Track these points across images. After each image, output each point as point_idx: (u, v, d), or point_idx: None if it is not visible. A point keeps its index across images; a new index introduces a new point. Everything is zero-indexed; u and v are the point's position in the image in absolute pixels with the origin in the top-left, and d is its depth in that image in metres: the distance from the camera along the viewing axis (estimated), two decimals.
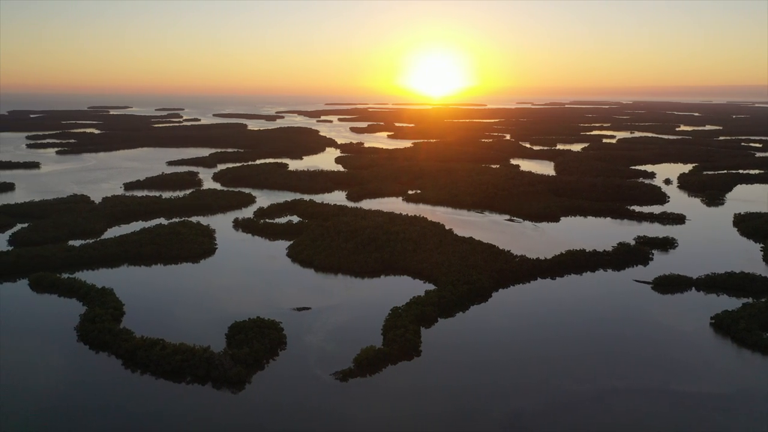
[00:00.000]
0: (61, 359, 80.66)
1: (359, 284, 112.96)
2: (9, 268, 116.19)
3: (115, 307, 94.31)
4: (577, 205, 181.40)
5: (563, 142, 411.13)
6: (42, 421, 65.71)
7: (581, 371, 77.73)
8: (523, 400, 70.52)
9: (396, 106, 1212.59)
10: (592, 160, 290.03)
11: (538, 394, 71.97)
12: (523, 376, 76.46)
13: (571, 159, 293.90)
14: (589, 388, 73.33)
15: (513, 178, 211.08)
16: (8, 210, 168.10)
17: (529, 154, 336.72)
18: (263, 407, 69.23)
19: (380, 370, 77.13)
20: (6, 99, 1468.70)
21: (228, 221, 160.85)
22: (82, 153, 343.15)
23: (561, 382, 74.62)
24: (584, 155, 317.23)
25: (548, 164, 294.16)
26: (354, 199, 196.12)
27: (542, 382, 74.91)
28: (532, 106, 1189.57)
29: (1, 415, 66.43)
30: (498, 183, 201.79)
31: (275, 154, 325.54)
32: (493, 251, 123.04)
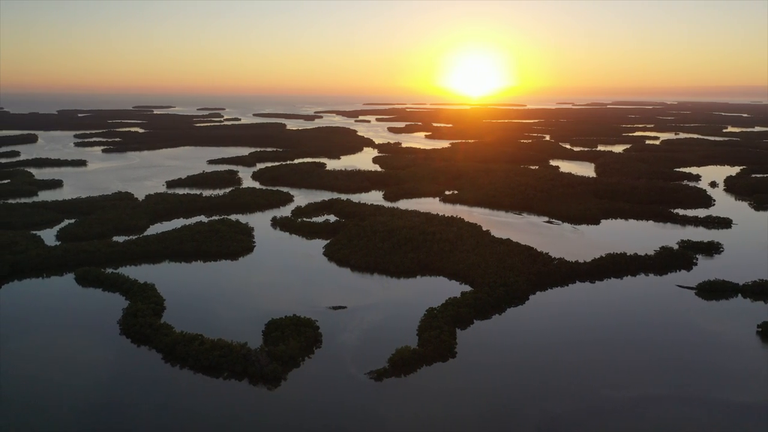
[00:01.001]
0: (104, 352, 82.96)
1: (395, 284, 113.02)
2: (56, 263, 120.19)
3: (156, 302, 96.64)
4: (617, 207, 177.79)
5: (604, 143, 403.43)
6: (86, 412, 67.68)
7: (619, 377, 76.16)
8: (559, 404, 69.48)
9: (434, 107, 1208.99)
10: (634, 161, 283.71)
11: (574, 398, 70.82)
12: (559, 380, 75.33)
13: (613, 160, 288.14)
14: (627, 394, 71.79)
15: (552, 179, 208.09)
16: (56, 206, 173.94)
17: (568, 155, 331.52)
18: (298, 404, 69.88)
19: (415, 371, 77.03)
20: (56, 99, 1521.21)
21: (266, 219, 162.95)
22: (126, 151, 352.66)
23: (598, 388, 73.25)
24: (626, 157, 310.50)
25: (588, 165, 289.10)
26: (391, 199, 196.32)
27: (579, 386, 73.68)
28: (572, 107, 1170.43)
29: (48, 406, 68.77)
30: (537, 184, 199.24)
31: (313, 153, 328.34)
32: (530, 253, 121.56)
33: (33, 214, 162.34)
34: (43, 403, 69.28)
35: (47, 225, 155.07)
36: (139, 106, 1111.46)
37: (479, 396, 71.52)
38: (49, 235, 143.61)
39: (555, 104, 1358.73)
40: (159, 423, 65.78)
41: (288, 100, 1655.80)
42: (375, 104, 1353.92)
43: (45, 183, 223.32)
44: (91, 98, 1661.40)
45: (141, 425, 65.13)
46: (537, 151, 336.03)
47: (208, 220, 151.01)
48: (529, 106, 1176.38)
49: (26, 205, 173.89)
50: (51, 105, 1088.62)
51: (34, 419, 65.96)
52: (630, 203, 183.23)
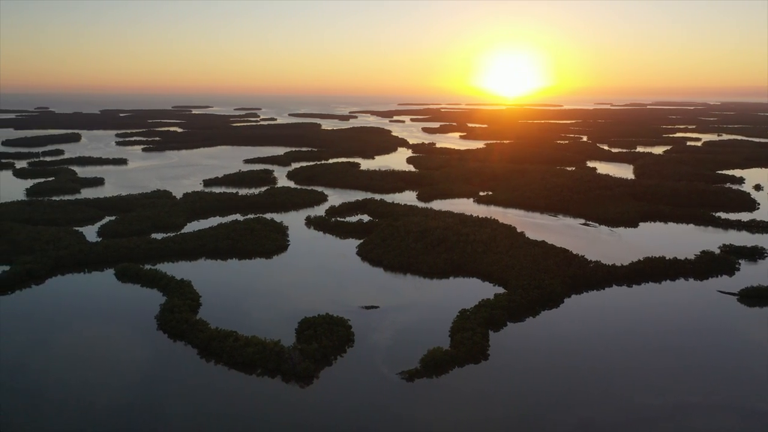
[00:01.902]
0: (141, 347, 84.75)
1: (428, 285, 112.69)
2: (97, 259, 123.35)
3: (192, 299, 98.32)
4: (657, 210, 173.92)
5: (644, 145, 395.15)
6: (122, 406, 69.19)
7: (656, 384, 74.33)
8: (593, 411, 68.20)
9: (469, 107, 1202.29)
10: (674, 163, 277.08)
11: (609, 405, 69.42)
12: (593, 386, 73.95)
13: (652, 162, 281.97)
14: (664, 402, 70.07)
15: (589, 180, 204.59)
16: (98, 203, 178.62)
17: (606, 156, 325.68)
18: (330, 403, 70.20)
19: (447, 372, 76.66)
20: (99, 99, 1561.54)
21: (300, 219, 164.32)
22: (165, 150, 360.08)
23: (634, 395, 71.64)
24: (666, 158, 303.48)
25: (627, 167, 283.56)
26: (424, 200, 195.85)
27: (614, 393, 72.21)
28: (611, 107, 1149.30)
29: (87, 398, 70.59)
30: (573, 186, 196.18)
31: (348, 153, 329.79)
32: (566, 256, 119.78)
33: (75, 211, 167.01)
34: (82, 395, 71.11)
35: (89, 222, 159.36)
36: (178, 106, 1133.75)
37: (512, 400, 70.76)
38: (90, 231, 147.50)
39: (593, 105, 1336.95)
40: (193, 418, 66.85)
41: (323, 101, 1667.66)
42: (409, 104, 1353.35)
43: (87, 181, 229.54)
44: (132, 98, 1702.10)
45: (175, 419, 66.33)
46: (574, 152, 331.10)
47: (243, 219, 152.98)
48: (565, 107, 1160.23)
49: (69, 202, 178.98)
50: (94, 105, 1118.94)
51: (74, 411, 67.74)
52: (670, 206, 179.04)
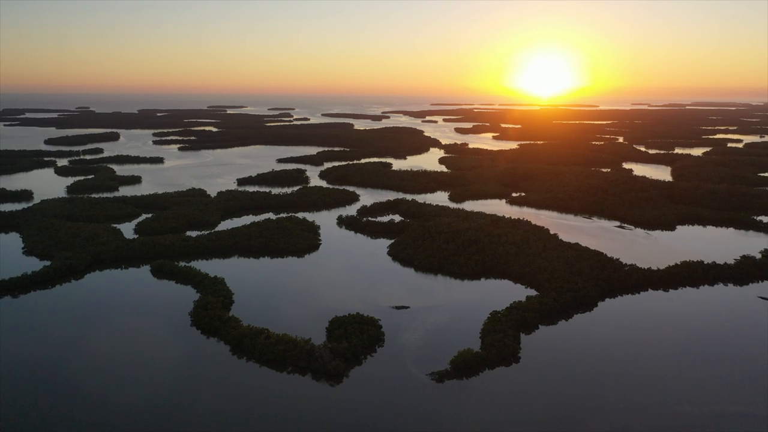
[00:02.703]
0: (175, 342, 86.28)
1: (458, 286, 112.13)
2: (134, 255, 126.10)
3: (225, 296, 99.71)
4: (695, 213, 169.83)
5: (682, 146, 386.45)
6: (156, 399, 70.62)
7: (693, 392, 72.55)
8: (626, 418, 66.87)
9: (502, 107, 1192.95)
10: (714, 165, 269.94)
11: (642, 412, 67.99)
12: (627, 392, 72.48)
13: (691, 164, 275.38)
14: (701, 410, 68.34)
15: (625, 182, 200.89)
16: (135, 201, 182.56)
17: (643, 157, 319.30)
18: (359, 401, 70.41)
19: (477, 374, 76.17)
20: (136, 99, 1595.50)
21: (332, 218, 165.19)
22: (200, 150, 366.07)
23: (669, 403, 70.05)
24: (705, 160, 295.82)
25: (664, 169, 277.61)
26: (456, 200, 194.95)
27: (648, 400, 70.70)
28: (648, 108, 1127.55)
29: (122, 390, 72.18)
30: (608, 187, 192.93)
31: (380, 153, 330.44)
32: (600, 259, 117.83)
33: (114, 208, 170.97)
34: (118, 389, 72.74)
35: (126, 219, 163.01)
36: (213, 106, 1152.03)
37: (543, 404, 69.87)
38: (127, 228, 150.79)
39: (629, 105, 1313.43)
40: (224, 413, 67.77)
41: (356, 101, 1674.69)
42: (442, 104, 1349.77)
43: (125, 179, 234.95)
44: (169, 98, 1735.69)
45: (207, 414, 67.32)
46: (609, 153, 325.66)
47: (276, 218, 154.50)
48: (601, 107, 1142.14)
49: (108, 200, 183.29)
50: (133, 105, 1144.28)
51: (110, 404, 69.31)
52: (709, 209, 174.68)
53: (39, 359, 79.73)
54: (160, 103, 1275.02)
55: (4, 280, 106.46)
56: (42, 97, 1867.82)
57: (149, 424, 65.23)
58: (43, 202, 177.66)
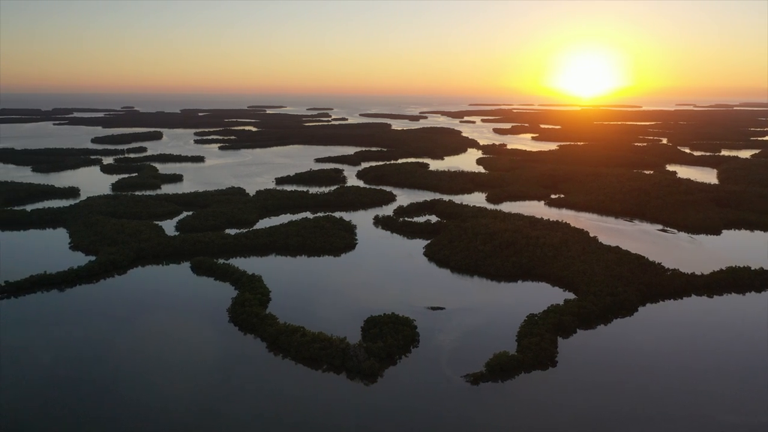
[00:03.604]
0: (214, 338, 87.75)
1: (495, 288, 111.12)
2: (175, 252, 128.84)
3: (262, 293, 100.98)
4: (742, 217, 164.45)
5: (729, 148, 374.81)
6: (194, 395, 71.97)
7: (737, 405, 69.89)
8: (667, 427, 65.09)
9: (542, 107, 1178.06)
10: (763, 168, 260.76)
11: (683, 423, 65.96)
12: (667, 402, 70.49)
13: (738, 166, 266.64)
14: (744, 421, 65.97)
15: (668, 185, 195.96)
16: (177, 199, 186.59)
17: (688, 159, 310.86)
18: (393, 401, 70.35)
19: (513, 377, 75.32)
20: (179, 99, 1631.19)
21: (369, 218, 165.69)
22: (240, 149, 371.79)
23: (711, 414, 67.79)
24: (754, 162, 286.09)
25: (710, 171, 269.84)
26: (494, 201, 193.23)
27: (689, 411, 68.54)
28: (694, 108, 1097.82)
29: (161, 386, 73.80)
30: (651, 190, 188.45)
31: (417, 153, 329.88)
32: (641, 263, 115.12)
33: (156, 205, 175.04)
34: (157, 381, 74.41)
35: (168, 216, 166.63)
36: (253, 106, 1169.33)
37: (579, 410, 68.58)
38: (169, 225, 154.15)
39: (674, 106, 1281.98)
40: (260, 410, 68.62)
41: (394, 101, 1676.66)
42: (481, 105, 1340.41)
43: (167, 177, 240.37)
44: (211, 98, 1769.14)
45: (243, 410, 68.28)
46: (652, 155, 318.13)
47: (313, 217, 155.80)
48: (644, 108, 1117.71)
49: (150, 197, 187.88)
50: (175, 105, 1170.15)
51: (149, 395, 70.99)
52: (757, 213, 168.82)
53: (82, 352, 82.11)
54: (202, 103, 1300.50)
55: (52, 274, 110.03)
56: (90, 97, 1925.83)
57: (186, 418, 66.52)
58: (89, 198, 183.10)
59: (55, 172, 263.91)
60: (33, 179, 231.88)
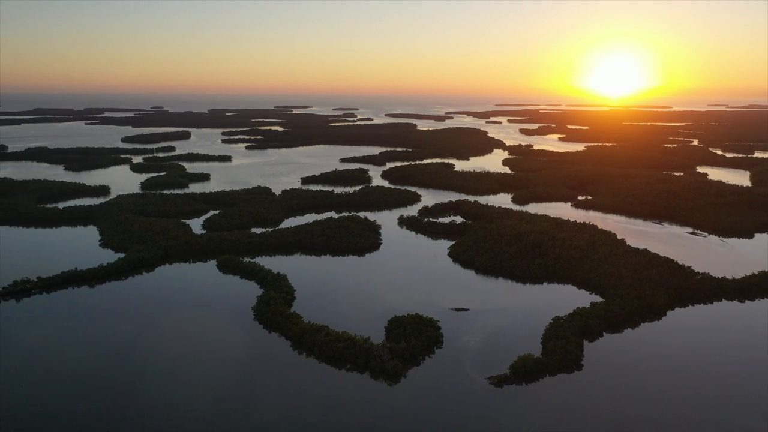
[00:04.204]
0: (239, 336, 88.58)
1: (520, 289, 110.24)
2: (201, 250, 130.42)
3: (287, 292, 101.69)
4: None
5: (762, 150, 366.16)
6: (219, 391, 72.67)
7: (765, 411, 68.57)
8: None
9: (570, 108, 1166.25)
10: None
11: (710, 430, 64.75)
12: (694, 408, 68.96)
13: None
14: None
15: (699, 187, 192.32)
16: (204, 198, 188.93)
17: (719, 161, 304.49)
18: (416, 402, 70.19)
19: (537, 380, 74.62)
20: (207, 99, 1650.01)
21: (393, 218, 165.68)
22: (266, 148, 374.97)
23: (739, 421, 66.32)
24: None
25: (743, 174, 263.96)
26: (520, 203, 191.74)
27: (717, 417, 67.04)
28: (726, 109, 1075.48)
29: (187, 382, 74.74)
30: (681, 192, 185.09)
31: (442, 154, 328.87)
32: (670, 266, 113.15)
33: (184, 204, 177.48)
34: (183, 378, 75.38)
35: (195, 215, 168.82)
36: (279, 106, 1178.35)
37: (605, 415, 67.62)
38: (196, 224, 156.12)
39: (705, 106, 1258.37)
40: (284, 409, 69.05)
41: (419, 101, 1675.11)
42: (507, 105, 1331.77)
43: (195, 176, 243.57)
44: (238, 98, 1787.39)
45: (267, 409, 68.81)
46: (682, 156, 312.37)
47: (338, 217, 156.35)
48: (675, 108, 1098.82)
49: (178, 196, 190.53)
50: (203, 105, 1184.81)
51: (175, 391, 71.96)
52: None
53: (110, 348, 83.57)
54: (229, 104, 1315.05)
55: (82, 271, 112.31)
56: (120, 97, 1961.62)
57: (212, 414, 67.26)
58: (118, 197, 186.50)
59: (87, 170, 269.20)
60: (65, 177, 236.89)
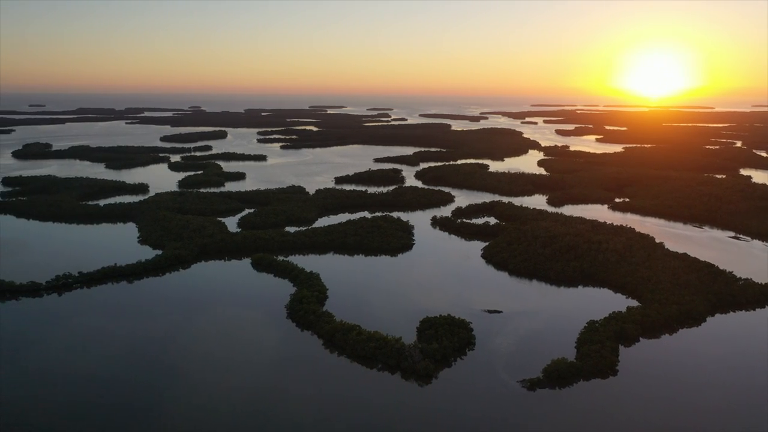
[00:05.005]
0: (272, 333, 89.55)
1: (554, 292, 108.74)
2: (236, 248, 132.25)
3: (320, 291, 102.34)
4: None
5: None
6: (251, 389, 73.55)
7: None
8: None
9: (607, 108, 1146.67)
10: None
11: None
12: (735, 421, 66.70)
13: None
14: None
15: (742, 190, 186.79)
16: (239, 196, 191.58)
17: (764, 163, 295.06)
18: (447, 404, 69.80)
19: (570, 385, 73.46)
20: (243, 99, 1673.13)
21: (426, 218, 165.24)
22: (301, 148, 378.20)
23: None
24: None
25: None
26: (555, 204, 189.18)
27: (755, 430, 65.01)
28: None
29: (221, 378, 75.84)
30: (723, 195, 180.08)
31: (476, 154, 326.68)
32: (711, 271, 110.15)
33: (219, 202, 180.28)
34: (217, 373, 76.49)
35: (230, 213, 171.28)
36: (314, 106, 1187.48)
37: (639, 423, 66.12)
38: (231, 222, 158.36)
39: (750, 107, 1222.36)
40: (315, 405, 69.47)
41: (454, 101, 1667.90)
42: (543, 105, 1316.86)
43: (230, 175, 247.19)
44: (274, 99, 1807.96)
45: (299, 403, 69.33)
46: (725, 158, 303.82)
47: (371, 216, 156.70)
48: (717, 109, 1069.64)
49: (214, 194, 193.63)
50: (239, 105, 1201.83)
51: (208, 385, 73.08)
52: None
53: (147, 342, 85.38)
54: (265, 103, 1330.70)
55: (121, 267, 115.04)
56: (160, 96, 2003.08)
57: (244, 410, 68.09)
58: (157, 195, 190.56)
59: (127, 168, 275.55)
60: (106, 175, 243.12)
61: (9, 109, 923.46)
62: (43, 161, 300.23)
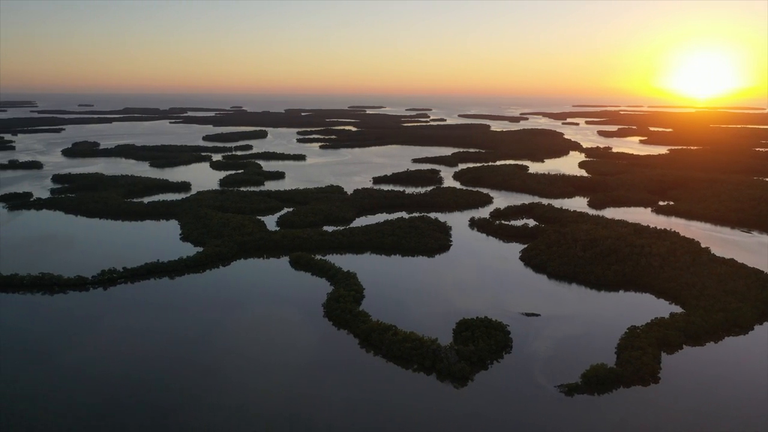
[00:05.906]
0: (309, 332, 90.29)
1: (594, 296, 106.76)
2: (275, 246, 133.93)
3: (356, 290, 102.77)
4: None
5: None
6: (287, 387, 74.33)
7: None
8: None
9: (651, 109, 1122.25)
10: None
11: None
12: None
13: None
14: None
15: None
16: (278, 195, 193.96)
17: None
18: (483, 408, 69.20)
19: (610, 391, 71.97)
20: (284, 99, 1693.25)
21: (464, 219, 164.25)
22: (340, 148, 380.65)
23: None
24: None
25: None
26: (596, 207, 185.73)
27: None
28: None
29: (257, 375, 76.87)
30: None
31: (516, 155, 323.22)
32: (759, 277, 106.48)
33: (259, 201, 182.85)
34: (254, 370, 77.56)
35: (270, 212, 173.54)
36: (353, 106, 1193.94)
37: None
38: (270, 220, 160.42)
39: None
40: (350, 404, 69.77)
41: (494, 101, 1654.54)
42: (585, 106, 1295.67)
43: (270, 174, 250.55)
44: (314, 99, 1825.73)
45: (334, 402, 69.73)
46: None
47: (408, 217, 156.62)
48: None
49: (254, 193, 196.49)
50: (280, 105, 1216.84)
51: (245, 382, 74.16)
52: None
53: (184, 340, 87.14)
54: (305, 104, 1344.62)
55: (164, 263, 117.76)
56: (202, 97, 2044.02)
57: (277, 411, 68.86)
58: (198, 193, 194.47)
59: (170, 167, 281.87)
60: (150, 174, 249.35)
61: (60, 108, 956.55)
62: (91, 159, 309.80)
